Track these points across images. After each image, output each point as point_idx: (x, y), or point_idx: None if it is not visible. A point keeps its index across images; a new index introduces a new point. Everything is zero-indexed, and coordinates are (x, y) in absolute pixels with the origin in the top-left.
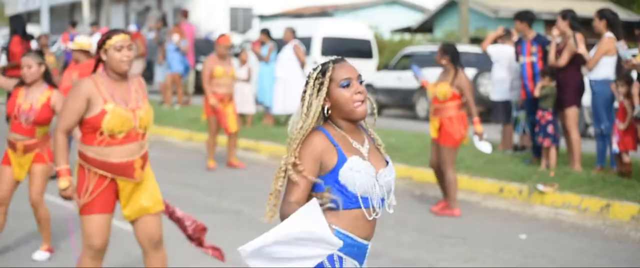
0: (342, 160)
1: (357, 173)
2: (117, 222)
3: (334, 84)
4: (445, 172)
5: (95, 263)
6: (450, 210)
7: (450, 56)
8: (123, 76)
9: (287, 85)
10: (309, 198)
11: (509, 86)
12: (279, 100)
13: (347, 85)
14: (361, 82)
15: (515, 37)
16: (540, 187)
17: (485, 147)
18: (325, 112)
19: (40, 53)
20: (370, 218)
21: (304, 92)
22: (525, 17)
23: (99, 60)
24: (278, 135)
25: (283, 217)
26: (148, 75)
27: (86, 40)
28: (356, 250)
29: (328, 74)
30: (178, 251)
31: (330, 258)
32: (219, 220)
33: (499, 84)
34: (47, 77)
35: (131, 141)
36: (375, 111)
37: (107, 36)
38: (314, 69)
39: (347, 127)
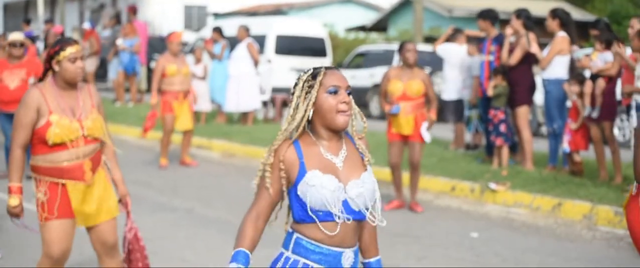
0: (301, 174)
1: (312, 188)
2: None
3: (322, 89)
4: (418, 169)
5: None
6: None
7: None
8: (73, 85)
9: (240, 83)
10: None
11: (461, 85)
12: (232, 98)
13: (335, 92)
14: (349, 94)
15: (483, 35)
16: (492, 185)
17: (428, 136)
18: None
19: None
20: (332, 234)
21: (292, 93)
22: (488, 15)
23: (47, 69)
24: (231, 133)
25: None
26: (102, 72)
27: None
28: (331, 259)
29: (319, 79)
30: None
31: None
32: (171, 218)
33: (450, 83)
34: None
35: (79, 145)
36: (365, 123)
37: (60, 48)
38: (306, 72)
39: (326, 136)
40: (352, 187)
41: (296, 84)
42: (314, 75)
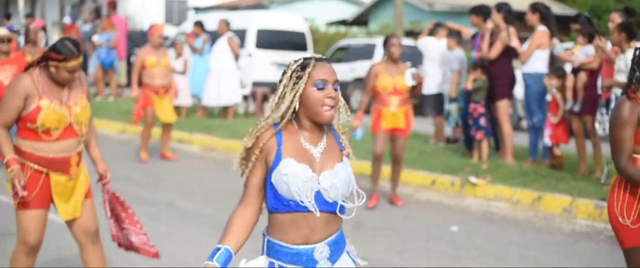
0: (277, 161)
1: (285, 177)
2: (50, 215)
3: (310, 81)
4: (400, 162)
5: (28, 261)
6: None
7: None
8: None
9: (220, 77)
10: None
11: (441, 79)
12: (212, 92)
13: (322, 88)
14: (336, 89)
15: (464, 28)
16: (473, 179)
17: (410, 81)
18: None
19: None
20: (301, 228)
21: (280, 81)
22: (481, 11)
23: (39, 62)
24: (211, 127)
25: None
26: (82, 67)
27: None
28: (303, 258)
29: (307, 70)
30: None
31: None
32: (151, 212)
33: (430, 77)
34: None
35: (68, 137)
36: (349, 115)
37: (64, 58)
38: (295, 61)
39: (309, 126)
40: (325, 177)
41: (285, 72)
42: (303, 66)
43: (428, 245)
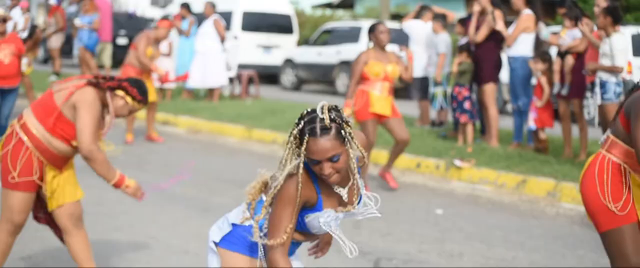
0: (318, 208)
1: (320, 223)
2: None
3: (307, 156)
4: (408, 144)
5: (11, 239)
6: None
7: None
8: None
9: (206, 59)
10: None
11: (426, 62)
12: (197, 74)
13: (316, 164)
14: (336, 160)
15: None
16: (457, 162)
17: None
18: None
19: None
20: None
21: (287, 141)
22: None
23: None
24: (196, 109)
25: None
26: (68, 49)
27: None
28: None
29: (303, 148)
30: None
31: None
32: None
33: (416, 61)
34: None
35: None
36: (364, 155)
37: (140, 100)
38: (294, 129)
39: None
40: (346, 214)
41: (288, 138)
42: (300, 139)
43: (413, 228)
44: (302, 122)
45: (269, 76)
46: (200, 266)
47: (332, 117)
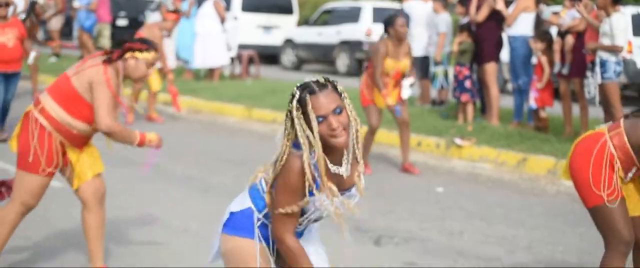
0: (311, 193)
1: (314, 206)
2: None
3: (312, 115)
4: (409, 125)
5: (19, 220)
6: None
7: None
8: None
9: (206, 40)
10: None
11: (427, 42)
12: (198, 55)
13: (322, 121)
14: (340, 112)
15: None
16: (458, 141)
17: (408, 92)
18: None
19: None
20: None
21: (286, 116)
22: None
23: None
24: (198, 89)
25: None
26: (67, 31)
27: None
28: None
29: (307, 107)
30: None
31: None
32: (136, 173)
33: (416, 40)
34: None
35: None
36: (359, 126)
37: (147, 48)
38: (293, 96)
39: (330, 150)
40: (343, 195)
41: (287, 113)
42: (300, 102)
43: (413, 207)
44: (298, 90)
45: (269, 56)
46: (200, 245)
47: (323, 78)
